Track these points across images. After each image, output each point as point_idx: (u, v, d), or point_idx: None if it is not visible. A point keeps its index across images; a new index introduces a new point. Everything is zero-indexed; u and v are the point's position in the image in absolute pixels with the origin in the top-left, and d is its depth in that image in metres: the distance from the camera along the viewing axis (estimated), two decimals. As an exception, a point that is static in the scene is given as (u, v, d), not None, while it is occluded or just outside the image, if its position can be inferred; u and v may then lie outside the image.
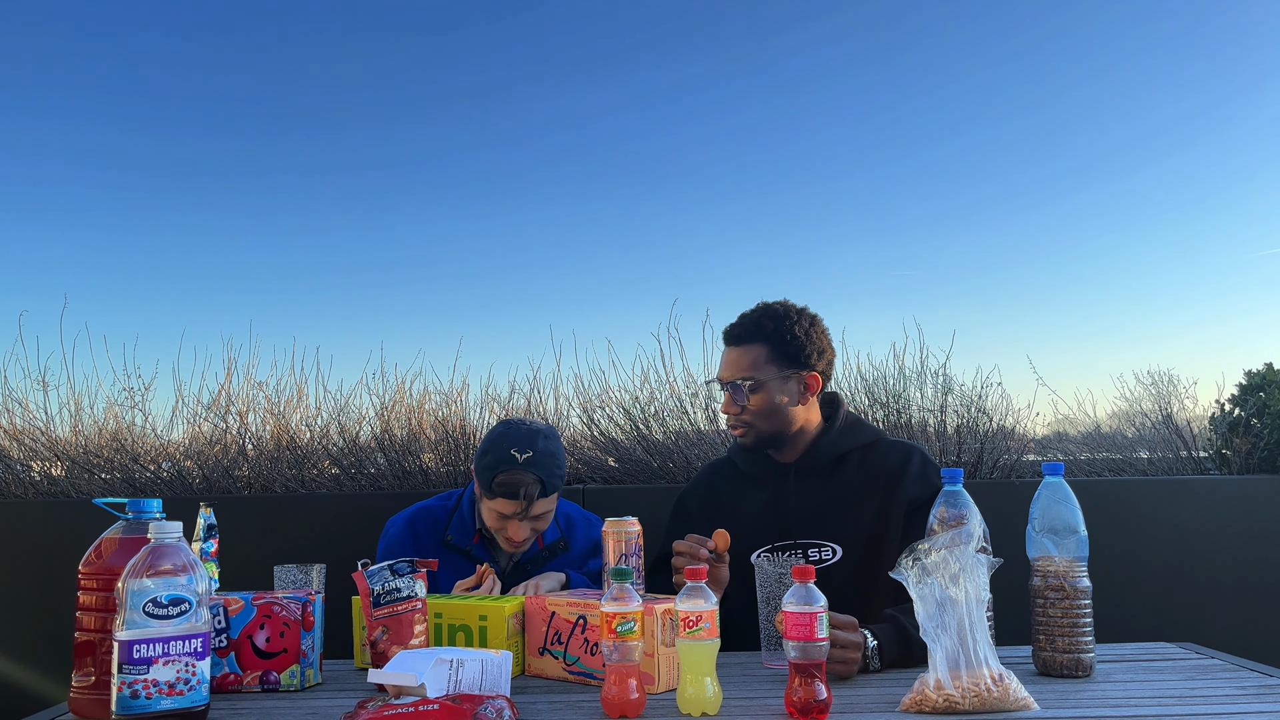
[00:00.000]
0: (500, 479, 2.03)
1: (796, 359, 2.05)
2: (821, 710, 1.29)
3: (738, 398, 2.04)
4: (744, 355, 2.05)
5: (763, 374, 2.03)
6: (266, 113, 7.45)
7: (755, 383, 2.03)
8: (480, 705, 1.28)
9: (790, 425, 2.06)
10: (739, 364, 2.05)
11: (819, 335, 2.09)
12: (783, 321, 2.06)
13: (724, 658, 1.45)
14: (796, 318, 2.07)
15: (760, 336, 2.05)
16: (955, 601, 1.36)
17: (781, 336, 2.04)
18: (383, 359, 3.63)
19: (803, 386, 2.06)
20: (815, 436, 2.09)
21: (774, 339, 2.04)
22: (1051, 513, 1.57)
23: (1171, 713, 1.31)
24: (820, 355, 2.07)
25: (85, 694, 1.41)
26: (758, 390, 2.03)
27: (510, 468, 2.04)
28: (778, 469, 2.10)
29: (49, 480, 3.33)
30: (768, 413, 2.04)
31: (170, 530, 1.35)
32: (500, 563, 2.19)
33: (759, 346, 2.05)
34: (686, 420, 3.46)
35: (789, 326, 2.05)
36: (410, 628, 1.60)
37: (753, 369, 2.03)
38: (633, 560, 1.70)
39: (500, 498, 2.05)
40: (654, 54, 7.66)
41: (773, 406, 2.04)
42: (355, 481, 3.23)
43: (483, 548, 2.20)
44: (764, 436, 2.06)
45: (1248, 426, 3.36)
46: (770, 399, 2.03)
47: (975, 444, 3.26)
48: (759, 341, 2.05)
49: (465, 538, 2.19)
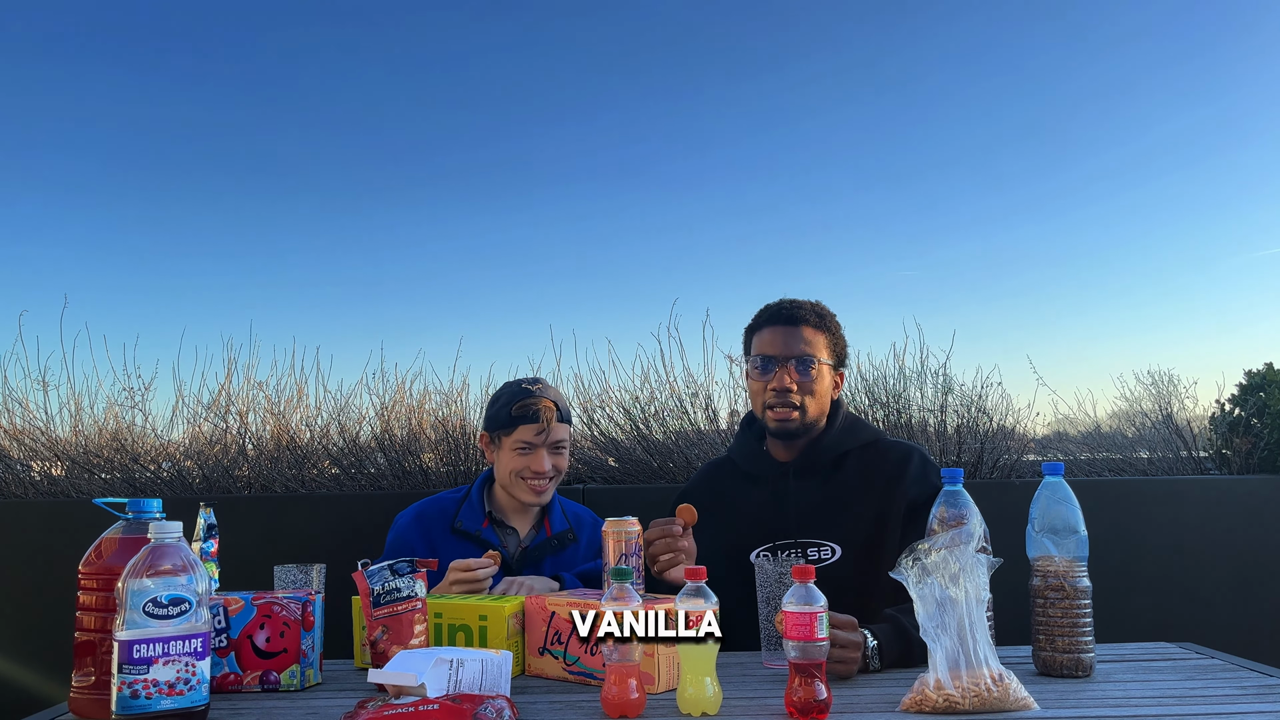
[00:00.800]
0: (518, 406, 2.18)
1: (841, 358, 2.15)
2: (821, 710, 1.29)
3: (806, 372, 2.05)
4: (817, 336, 2.09)
5: (828, 360, 2.09)
6: (267, 113, 7.45)
7: (822, 364, 2.07)
8: (480, 705, 1.28)
9: (823, 417, 2.11)
10: (815, 343, 2.08)
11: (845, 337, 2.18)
12: (833, 319, 2.15)
13: (724, 658, 1.45)
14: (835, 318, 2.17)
15: (824, 327, 2.11)
16: (955, 601, 1.36)
17: (835, 333, 2.13)
18: (383, 359, 3.64)
19: (835, 383, 2.14)
20: (816, 436, 2.10)
21: (832, 332, 2.12)
22: (1051, 513, 1.57)
23: (1171, 713, 1.31)
24: (845, 360, 2.18)
25: (85, 694, 1.41)
26: (821, 374, 2.07)
27: (525, 396, 2.20)
28: (777, 468, 2.10)
29: (49, 480, 3.33)
30: (820, 397, 2.08)
31: (170, 530, 1.35)
32: (509, 549, 2.22)
33: (824, 335, 2.10)
34: (686, 420, 3.46)
35: (835, 323, 2.15)
36: (410, 628, 1.60)
37: (823, 350, 2.09)
38: (633, 560, 1.70)
39: (521, 425, 2.18)
40: (654, 54, 7.66)
41: (824, 393, 2.09)
42: (355, 481, 3.23)
43: (492, 532, 2.22)
44: (808, 421, 2.08)
45: (1248, 426, 3.36)
46: (825, 385, 2.09)
47: (975, 444, 3.26)
48: (824, 331, 2.11)
49: (475, 521, 2.23)
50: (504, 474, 2.23)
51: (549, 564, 2.21)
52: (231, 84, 7.30)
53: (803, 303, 2.14)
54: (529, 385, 2.23)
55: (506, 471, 2.21)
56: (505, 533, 2.24)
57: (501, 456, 2.23)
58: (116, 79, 7.22)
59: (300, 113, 7.56)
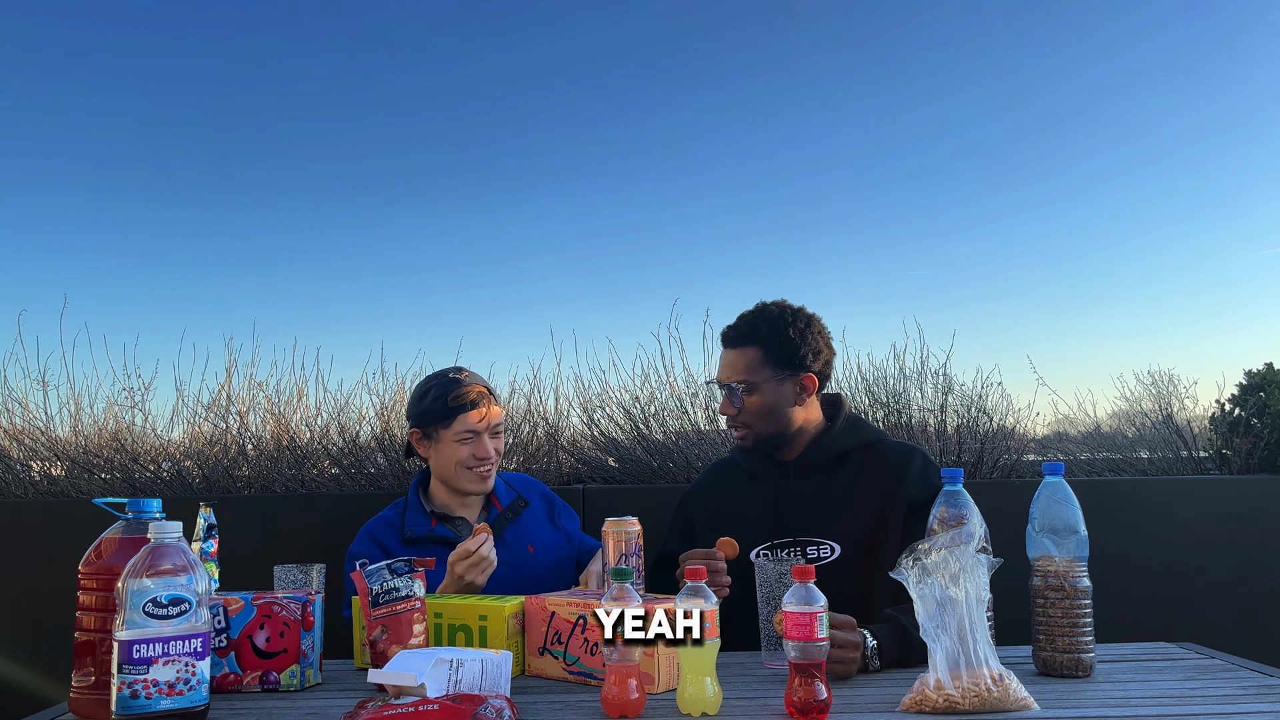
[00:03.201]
0: (453, 397, 2.17)
1: (791, 361, 2.05)
2: (821, 710, 1.29)
3: (734, 400, 2.06)
4: (740, 358, 2.06)
5: (757, 376, 2.04)
6: (267, 112, 7.45)
7: (750, 385, 2.04)
8: (480, 705, 1.28)
9: (789, 426, 2.07)
10: (735, 366, 2.07)
11: (815, 336, 2.09)
12: (777, 323, 2.06)
13: (724, 658, 1.45)
14: (792, 319, 2.07)
15: (755, 339, 2.06)
16: (955, 601, 1.36)
17: (776, 339, 2.05)
18: (383, 359, 3.64)
19: (799, 387, 2.07)
20: (815, 435, 2.10)
21: (768, 341, 2.05)
22: (1051, 513, 1.57)
23: (1171, 713, 1.31)
24: (816, 356, 2.08)
25: (85, 694, 1.41)
26: (753, 392, 2.04)
27: (456, 385, 2.19)
28: (778, 467, 2.10)
29: (49, 480, 3.33)
30: (764, 414, 2.05)
31: (170, 530, 1.35)
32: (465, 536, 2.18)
33: (754, 349, 2.06)
34: (686, 420, 3.46)
35: (784, 328, 2.05)
36: (409, 627, 1.60)
37: (748, 371, 2.04)
38: (633, 560, 1.70)
39: (459, 414, 2.16)
40: (655, 55, 7.66)
41: (769, 408, 2.05)
42: (355, 481, 3.23)
43: (443, 528, 2.21)
44: (763, 438, 2.07)
45: (1248, 426, 3.36)
46: (766, 401, 2.04)
47: (975, 444, 3.25)
48: (754, 344, 2.06)
49: (423, 525, 2.22)
50: (447, 467, 2.20)
51: (511, 533, 2.21)
52: (231, 83, 7.30)
53: (743, 317, 2.11)
54: (455, 375, 2.22)
55: (450, 464, 2.19)
56: (456, 525, 2.22)
57: (441, 450, 2.20)
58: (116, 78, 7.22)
59: (300, 113, 7.56)
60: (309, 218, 7.44)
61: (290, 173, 7.55)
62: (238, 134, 7.36)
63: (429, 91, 7.68)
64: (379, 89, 7.61)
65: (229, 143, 7.45)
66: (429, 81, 7.62)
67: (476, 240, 7.66)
